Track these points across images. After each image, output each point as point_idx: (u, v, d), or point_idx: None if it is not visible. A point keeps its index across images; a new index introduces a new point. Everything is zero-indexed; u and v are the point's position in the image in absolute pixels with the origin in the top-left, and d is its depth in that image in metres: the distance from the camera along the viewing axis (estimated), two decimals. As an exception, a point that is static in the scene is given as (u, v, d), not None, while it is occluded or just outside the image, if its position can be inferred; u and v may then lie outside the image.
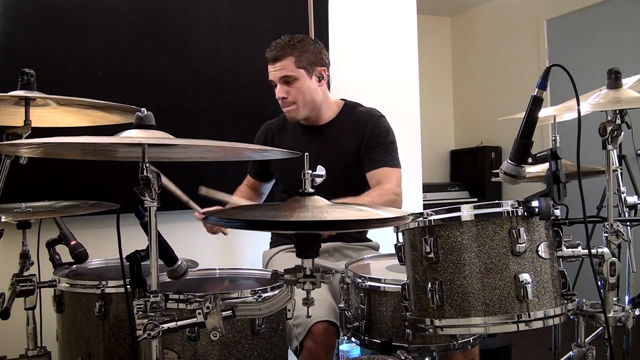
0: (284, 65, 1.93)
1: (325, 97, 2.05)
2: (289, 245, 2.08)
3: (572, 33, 4.26)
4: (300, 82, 1.95)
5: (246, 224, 1.17)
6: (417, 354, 1.46)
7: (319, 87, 2.00)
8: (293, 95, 1.96)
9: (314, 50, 1.98)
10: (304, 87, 1.95)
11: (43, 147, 1.21)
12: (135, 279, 1.11)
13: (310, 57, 1.96)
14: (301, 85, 1.95)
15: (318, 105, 2.02)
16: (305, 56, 1.95)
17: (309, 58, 1.96)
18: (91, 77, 2.28)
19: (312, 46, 1.99)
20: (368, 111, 2.09)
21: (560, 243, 1.25)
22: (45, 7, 2.22)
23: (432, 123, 4.65)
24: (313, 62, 1.96)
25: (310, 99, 1.98)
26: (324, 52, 2.04)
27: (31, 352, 1.62)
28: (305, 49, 1.95)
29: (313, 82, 1.97)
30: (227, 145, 1.12)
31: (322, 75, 2.00)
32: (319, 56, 1.99)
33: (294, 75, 1.93)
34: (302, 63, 1.94)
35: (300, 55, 1.94)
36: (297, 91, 1.95)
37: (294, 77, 1.94)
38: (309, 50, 1.96)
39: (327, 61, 2.05)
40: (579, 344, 1.41)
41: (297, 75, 1.94)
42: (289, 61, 1.93)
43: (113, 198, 1.61)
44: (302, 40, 1.97)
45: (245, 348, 1.38)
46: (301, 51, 1.94)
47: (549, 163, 1.24)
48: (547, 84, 1.23)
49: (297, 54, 1.94)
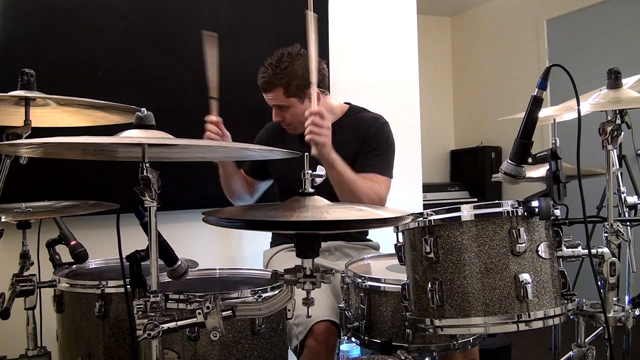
0: (274, 95, 1.95)
1: (324, 106, 1.97)
2: (290, 244, 2.08)
3: (572, 33, 4.26)
4: (293, 109, 1.96)
5: (246, 224, 1.17)
6: (417, 354, 1.46)
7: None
8: (289, 119, 1.99)
9: (303, 73, 1.90)
10: (297, 112, 1.95)
11: (43, 147, 1.21)
12: (135, 279, 1.11)
13: (299, 82, 1.91)
14: (294, 111, 1.96)
15: None
16: (294, 84, 1.92)
17: (299, 84, 1.92)
18: (91, 77, 2.28)
19: (301, 68, 1.90)
20: (372, 117, 2.08)
21: (560, 243, 1.25)
22: (45, 7, 2.22)
23: (432, 123, 4.65)
24: (304, 86, 1.91)
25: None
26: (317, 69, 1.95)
27: (31, 352, 1.62)
28: (293, 75, 1.91)
29: (306, 104, 1.93)
30: (227, 145, 1.12)
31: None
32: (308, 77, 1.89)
33: (285, 104, 1.95)
34: (291, 92, 1.93)
35: (289, 84, 1.92)
36: (292, 115, 1.98)
37: (285, 106, 1.96)
38: (297, 75, 1.91)
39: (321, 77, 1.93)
40: (579, 344, 1.41)
41: (289, 103, 1.95)
42: (279, 92, 1.93)
43: (113, 198, 1.61)
44: (288, 67, 1.92)
45: (245, 348, 1.38)
46: (289, 80, 1.91)
47: (549, 163, 1.24)
48: (547, 84, 1.23)
49: (285, 83, 1.91)
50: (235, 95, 2.57)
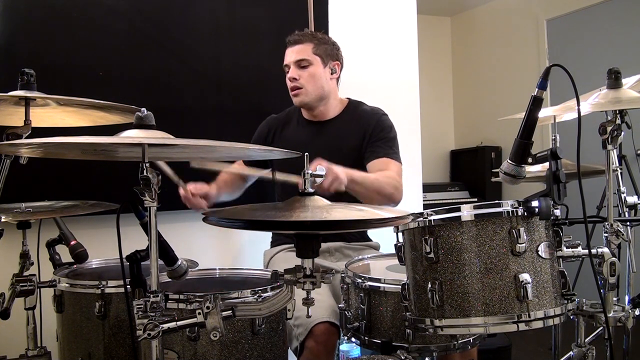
0: (302, 48, 2.03)
1: (334, 93, 2.11)
2: (290, 244, 2.09)
3: (572, 33, 4.26)
4: (314, 68, 2.02)
5: (246, 224, 1.17)
6: (417, 354, 1.46)
7: (330, 79, 2.07)
8: (304, 79, 2.02)
9: (332, 46, 2.09)
10: (316, 73, 2.02)
11: (43, 147, 1.21)
12: (135, 279, 1.11)
13: (328, 49, 2.06)
14: (314, 70, 2.02)
15: (326, 95, 2.06)
16: (323, 47, 2.05)
17: (327, 50, 2.06)
18: (91, 77, 2.28)
19: (331, 43, 2.10)
20: (371, 109, 2.13)
21: (560, 243, 1.25)
22: (45, 7, 2.22)
23: (432, 123, 4.65)
24: (330, 54, 2.06)
25: (320, 87, 2.04)
26: (341, 53, 2.14)
27: (31, 352, 1.61)
28: (324, 41, 2.07)
29: (326, 72, 2.05)
30: (227, 145, 1.12)
31: (335, 70, 2.08)
32: (335, 52, 2.10)
33: (310, 59, 2.02)
34: (319, 51, 2.04)
35: (319, 44, 2.04)
36: (309, 75, 2.02)
37: (309, 62, 2.02)
38: (327, 43, 2.08)
39: (342, 61, 2.13)
40: (579, 344, 1.40)
41: (312, 60, 2.02)
42: (308, 46, 2.03)
43: (113, 198, 1.61)
44: (323, 36, 2.10)
45: (245, 348, 1.38)
46: (320, 42, 2.05)
47: (549, 163, 1.24)
48: (547, 84, 1.23)
49: (316, 42, 2.04)
50: (235, 95, 2.57)
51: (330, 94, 2.08)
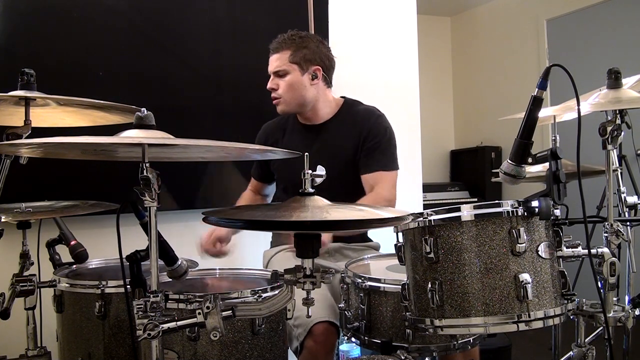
0: (278, 57, 1.97)
1: (322, 96, 2.04)
2: (290, 244, 2.08)
3: (572, 33, 4.26)
4: (291, 77, 1.97)
5: (246, 224, 1.17)
6: (417, 354, 1.46)
7: (311, 85, 1.99)
8: (282, 88, 1.98)
9: (314, 49, 1.99)
10: (294, 82, 1.97)
11: (43, 147, 1.21)
12: (135, 279, 1.11)
13: (307, 54, 1.97)
14: (291, 79, 1.97)
15: (310, 101, 2.01)
16: (301, 52, 1.96)
17: (306, 55, 1.97)
18: (91, 77, 2.28)
19: (314, 45, 2.00)
20: (367, 110, 2.08)
21: (560, 243, 1.25)
22: (45, 7, 2.22)
23: (432, 123, 4.65)
24: (309, 59, 1.98)
25: (299, 95, 1.98)
26: (328, 53, 2.05)
27: (31, 352, 1.61)
28: (304, 45, 1.98)
29: (305, 79, 1.98)
30: (227, 145, 1.12)
31: (317, 75, 1.99)
32: (317, 55, 2.00)
33: (286, 69, 1.96)
34: (296, 58, 1.96)
35: (297, 50, 1.96)
36: (286, 85, 1.97)
37: (285, 71, 1.96)
38: (308, 47, 1.98)
39: (328, 63, 2.04)
40: (579, 344, 1.40)
41: (289, 69, 1.96)
42: (285, 54, 1.96)
43: (113, 198, 1.61)
44: (304, 37, 2.00)
45: (245, 348, 1.38)
46: (299, 47, 1.97)
47: (549, 163, 1.24)
48: (547, 84, 1.23)
49: (294, 48, 1.96)
50: (235, 95, 2.57)
51: (317, 99, 2.02)
